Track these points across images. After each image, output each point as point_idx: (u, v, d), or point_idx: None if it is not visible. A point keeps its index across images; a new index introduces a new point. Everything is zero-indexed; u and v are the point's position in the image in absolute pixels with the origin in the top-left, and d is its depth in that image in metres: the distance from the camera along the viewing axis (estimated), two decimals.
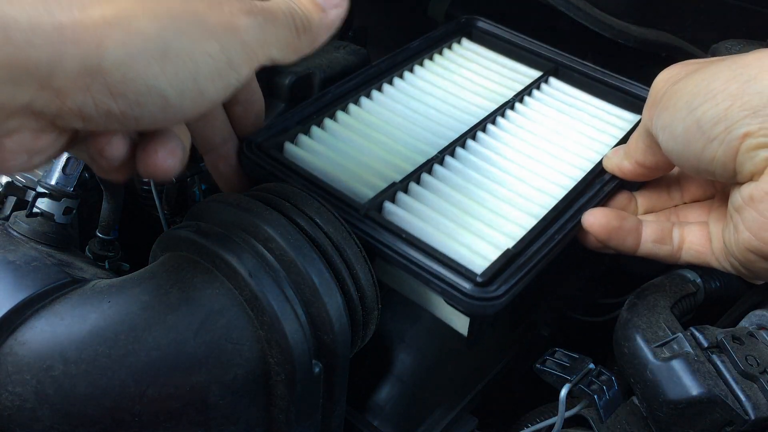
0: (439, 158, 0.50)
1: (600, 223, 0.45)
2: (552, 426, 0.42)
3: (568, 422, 0.44)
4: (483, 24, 0.65)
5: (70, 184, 0.48)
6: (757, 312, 0.46)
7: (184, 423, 0.35)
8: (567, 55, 0.61)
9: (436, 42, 0.63)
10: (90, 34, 0.27)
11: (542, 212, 0.46)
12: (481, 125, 0.54)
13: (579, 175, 0.50)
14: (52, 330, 0.35)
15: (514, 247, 0.43)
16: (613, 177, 0.48)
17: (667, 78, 0.41)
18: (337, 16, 0.38)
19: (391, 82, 0.59)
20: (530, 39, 0.63)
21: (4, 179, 0.57)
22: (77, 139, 0.33)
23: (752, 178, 0.37)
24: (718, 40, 0.55)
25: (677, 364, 0.41)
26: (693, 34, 0.66)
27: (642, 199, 0.50)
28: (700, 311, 0.50)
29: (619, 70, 0.72)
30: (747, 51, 0.52)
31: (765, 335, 0.43)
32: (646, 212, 0.50)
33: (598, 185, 0.48)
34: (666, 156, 0.43)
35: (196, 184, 0.64)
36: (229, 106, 0.45)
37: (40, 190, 0.48)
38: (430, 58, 0.62)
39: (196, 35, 0.30)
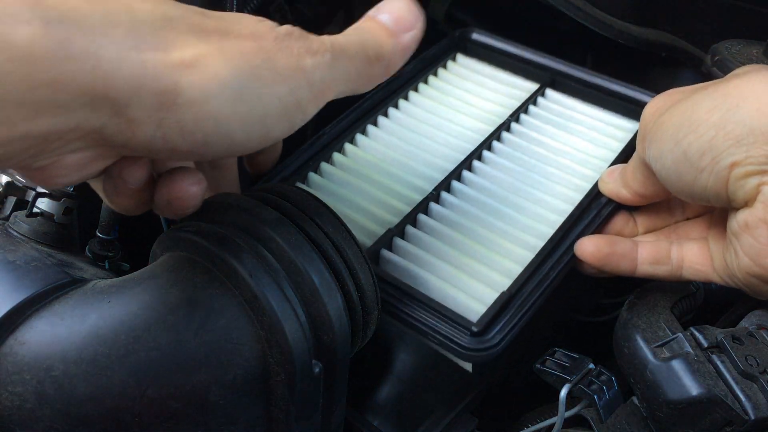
0: (434, 195, 0.51)
1: (591, 252, 0.45)
2: (552, 426, 0.42)
3: (568, 422, 0.44)
4: (477, 36, 0.64)
5: None
6: (757, 312, 0.46)
7: (185, 423, 0.35)
8: (564, 62, 0.61)
9: (430, 62, 0.63)
10: (169, 73, 0.28)
11: (539, 244, 0.47)
12: (477, 153, 0.54)
13: (577, 198, 0.50)
14: (52, 330, 0.35)
15: (509, 288, 0.44)
16: (610, 200, 0.49)
17: (653, 111, 0.42)
18: (411, 39, 0.37)
19: (386, 114, 0.59)
20: (526, 48, 0.63)
21: (4, 179, 0.57)
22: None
23: (746, 204, 0.37)
24: (718, 40, 0.55)
25: (677, 364, 0.41)
26: (693, 34, 0.66)
27: (641, 219, 0.50)
28: (700, 311, 0.50)
29: (620, 70, 0.72)
30: (747, 51, 0.52)
31: (765, 335, 0.43)
32: (647, 231, 0.50)
33: (594, 210, 0.49)
34: (663, 185, 0.43)
35: None
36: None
37: (40, 190, 0.48)
38: (425, 81, 0.62)
39: (267, 78, 0.31)
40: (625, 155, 0.52)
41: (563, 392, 0.40)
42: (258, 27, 0.31)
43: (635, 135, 0.52)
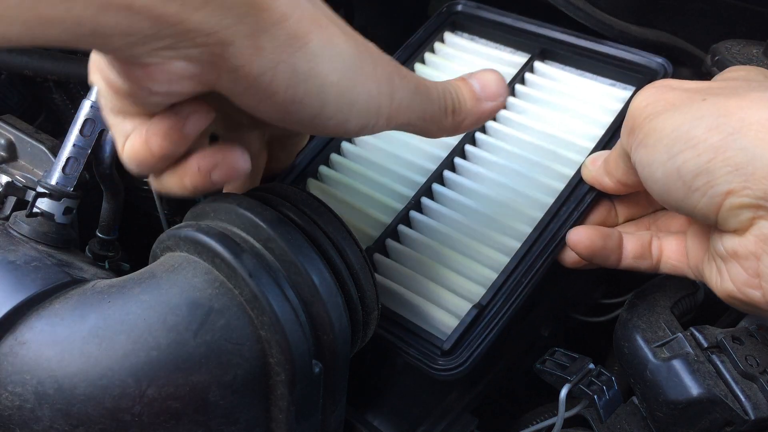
0: (414, 204, 0.51)
1: (584, 243, 0.45)
2: (552, 426, 0.42)
3: (568, 422, 0.44)
4: (464, 8, 0.62)
5: (70, 184, 0.48)
6: None
7: (185, 423, 0.35)
8: (555, 28, 0.58)
9: (418, 46, 0.61)
10: (308, 23, 0.32)
11: (517, 246, 0.47)
12: (459, 148, 0.53)
13: (559, 187, 0.49)
14: (52, 330, 0.35)
15: (481, 300, 0.45)
16: (591, 190, 0.48)
17: (644, 106, 0.40)
18: (491, 109, 0.40)
19: None
20: (516, 17, 0.60)
21: (4, 179, 0.57)
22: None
23: (735, 232, 0.37)
24: (718, 40, 0.55)
25: (677, 364, 0.41)
26: (693, 34, 0.66)
27: (621, 208, 0.49)
28: (700, 311, 0.50)
29: None
30: (747, 51, 0.52)
31: (765, 335, 0.43)
32: (627, 220, 0.49)
33: (573, 203, 0.48)
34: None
35: None
36: (278, 137, 0.46)
37: (40, 190, 0.48)
38: (412, 69, 0.60)
39: (367, 71, 0.34)
40: (611, 133, 0.51)
41: (563, 392, 0.40)
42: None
43: (624, 113, 0.50)
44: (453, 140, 0.54)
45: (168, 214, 0.63)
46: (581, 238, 0.45)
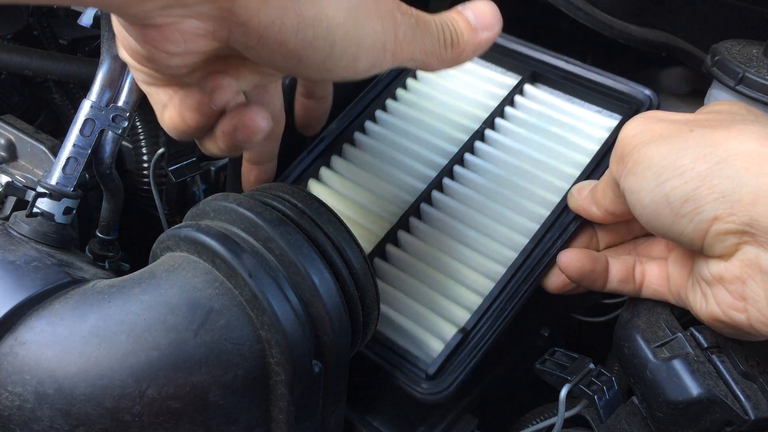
0: (403, 223, 0.52)
1: (575, 266, 0.46)
2: (552, 426, 0.42)
3: (568, 422, 0.44)
4: None
5: (70, 184, 0.48)
6: None
7: (185, 423, 0.35)
8: (546, 52, 0.59)
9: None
10: None
11: (502, 271, 0.48)
12: (448, 168, 0.54)
13: (545, 214, 0.50)
14: (52, 330, 0.35)
15: (466, 324, 0.46)
16: (576, 218, 0.49)
17: (633, 135, 0.41)
18: (487, 39, 0.41)
19: (363, 130, 0.58)
20: (508, 37, 0.61)
21: (4, 179, 0.57)
22: (209, 66, 0.37)
23: (721, 257, 0.38)
24: (718, 40, 0.55)
25: (677, 364, 0.41)
26: (693, 34, 0.66)
27: (602, 234, 0.50)
28: None
29: (620, 70, 0.72)
30: (747, 51, 0.52)
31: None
32: (607, 247, 0.50)
33: (557, 231, 0.49)
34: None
35: (196, 184, 0.64)
36: (304, 97, 0.48)
37: (40, 190, 0.48)
38: (404, 86, 0.61)
39: (370, 10, 0.35)
40: (596, 162, 0.51)
41: (563, 392, 0.40)
42: None
43: (613, 139, 0.51)
44: (443, 159, 0.55)
45: (168, 214, 0.63)
46: (572, 260, 0.46)
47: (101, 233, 0.57)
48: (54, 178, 0.48)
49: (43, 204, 0.47)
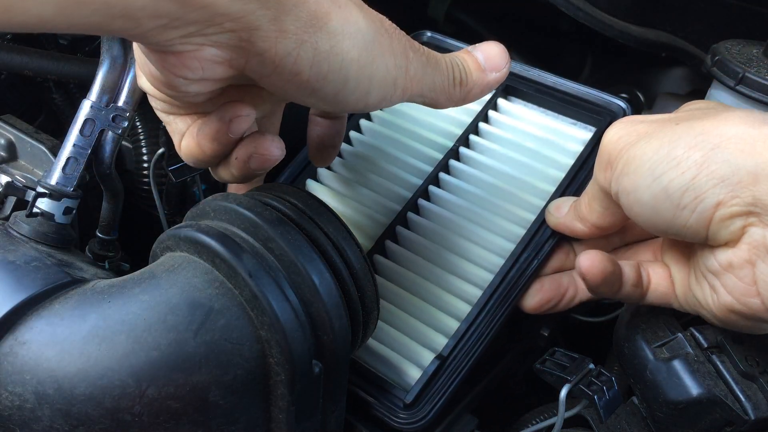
0: (379, 246, 0.52)
1: (599, 270, 0.42)
2: (552, 426, 0.42)
3: (568, 422, 0.44)
4: (430, 39, 0.62)
5: (70, 184, 0.48)
6: None
7: (185, 423, 0.35)
8: (518, 64, 0.58)
9: None
10: (326, 3, 0.34)
11: (478, 294, 0.48)
12: (423, 188, 0.54)
13: (520, 233, 0.50)
14: (52, 330, 0.35)
15: (444, 349, 0.46)
16: (552, 236, 0.48)
17: (617, 139, 0.41)
18: (495, 79, 0.42)
19: (340, 155, 0.58)
20: None
21: (4, 179, 0.57)
22: (226, 95, 0.39)
23: (727, 244, 0.37)
24: (718, 40, 0.55)
25: (677, 364, 0.41)
26: (693, 34, 0.66)
27: (580, 249, 0.49)
28: None
29: (620, 70, 0.72)
30: (747, 51, 0.52)
31: (765, 335, 0.43)
32: None
33: (533, 250, 0.48)
34: (624, 216, 0.43)
35: (196, 184, 0.64)
36: (318, 116, 0.49)
37: (40, 190, 0.48)
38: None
39: (384, 46, 0.36)
40: (572, 176, 0.51)
41: (563, 392, 0.40)
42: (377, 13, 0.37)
43: (587, 152, 0.51)
44: (418, 179, 0.55)
45: (168, 214, 0.63)
46: (594, 263, 0.42)
47: (101, 233, 0.57)
48: (54, 178, 0.48)
49: (43, 204, 0.47)
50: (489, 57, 0.42)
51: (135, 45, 0.37)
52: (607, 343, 0.49)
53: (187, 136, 0.40)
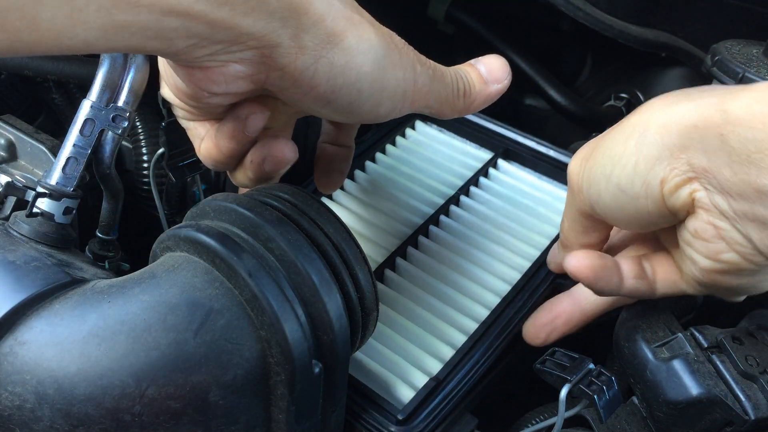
0: (378, 274, 0.53)
1: (586, 265, 0.44)
2: (552, 426, 0.42)
3: (568, 422, 0.44)
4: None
5: (70, 184, 0.48)
6: (757, 312, 0.46)
7: (185, 423, 0.35)
8: (517, 132, 0.63)
9: (389, 131, 0.65)
10: (344, 21, 0.36)
11: (473, 326, 0.49)
12: (424, 228, 0.57)
13: (515, 277, 0.53)
14: (52, 330, 0.35)
15: (438, 374, 0.46)
16: (545, 279, 0.51)
17: (578, 162, 0.43)
18: (497, 91, 0.44)
19: (342, 187, 0.61)
20: (482, 116, 0.65)
21: (4, 179, 0.57)
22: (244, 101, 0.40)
23: (688, 214, 0.39)
24: (718, 40, 0.55)
25: (677, 364, 0.41)
26: (693, 34, 0.66)
27: None
28: (700, 311, 0.50)
29: (620, 70, 0.72)
30: (747, 51, 0.52)
31: (765, 335, 0.43)
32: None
33: (527, 293, 0.51)
34: (606, 226, 0.45)
35: (196, 184, 0.64)
36: (327, 143, 0.51)
37: (40, 190, 0.48)
38: (383, 151, 0.65)
39: (395, 60, 0.38)
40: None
41: (563, 392, 0.40)
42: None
43: None
44: (419, 218, 0.57)
45: (168, 214, 0.63)
46: (581, 259, 0.44)
47: (101, 233, 0.57)
48: (54, 178, 0.48)
49: (43, 204, 0.47)
50: (491, 70, 0.44)
51: (161, 59, 0.40)
52: (607, 343, 0.49)
53: (207, 139, 0.43)
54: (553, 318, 0.49)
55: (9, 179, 0.57)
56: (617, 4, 0.66)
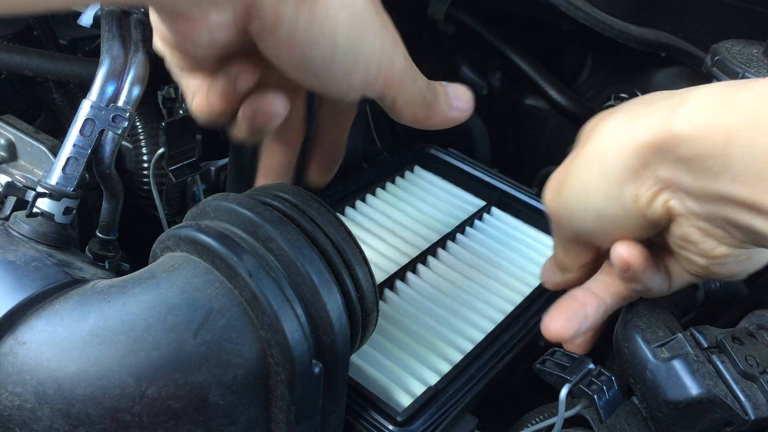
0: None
1: (635, 252, 0.40)
2: (552, 426, 0.42)
3: (568, 422, 0.44)
4: (435, 152, 0.71)
5: (70, 184, 0.48)
6: (757, 312, 0.46)
7: (185, 423, 0.35)
8: (511, 183, 0.67)
9: (392, 169, 0.69)
10: None
11: (469, 347, 0.51)
12: (423, 257, 0.59)
13: (508, 308, 0.55)
14: (52, 330, 0.35)
15: (437, 384, 0.47)
16: (535, 314, 0.53)
17: (551, 195, 0.43)
18: (455, 117, 0.45)
19: (343, 212, 0.63)
20: (477, 166, 0.69)
21: (4, 179, 0.57)
22: (230, 57, 0.41)
23: (670, 221, 0.39)
24: (718, 40, 0.55)
25: (677, 364, 0.41)
26: (693, 34, 0.66)
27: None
28: (700, 311, 0.50)
29: (620, 70, 0.72)
30: (747, 51, 0.52)
31: (765, 335, 0.43)
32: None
33: (522, 321, 0.53)
34: (597, 246, 0.44)
35: (196, 184, 0.64)
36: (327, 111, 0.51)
37: (40, 190, 0.48)
38: (383, 187, 0.67)
39: (376, 28, 0.39)
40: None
41: (563, 392, 0.40)
42: None
43: None
44: (417, 250, 0.60)
45: (168, 214, 0.63)
46: (628, 248, 0.40)
47: (101, 233, 0.57)
48: (54, 178, 0.48)
49: (43, 204, 0.47)
50: (458, 95, 0.45)
51: (150, 11, 0.41)
52: (607, 343, 0.49)
53: (198, 95, 0.43)
54: (581, 306, 0.45)
55: (9, 179, 0.57)
56: (617, 4, 0.66)
